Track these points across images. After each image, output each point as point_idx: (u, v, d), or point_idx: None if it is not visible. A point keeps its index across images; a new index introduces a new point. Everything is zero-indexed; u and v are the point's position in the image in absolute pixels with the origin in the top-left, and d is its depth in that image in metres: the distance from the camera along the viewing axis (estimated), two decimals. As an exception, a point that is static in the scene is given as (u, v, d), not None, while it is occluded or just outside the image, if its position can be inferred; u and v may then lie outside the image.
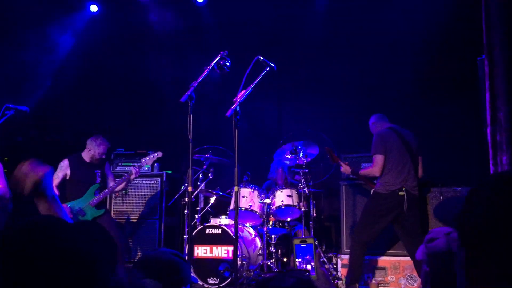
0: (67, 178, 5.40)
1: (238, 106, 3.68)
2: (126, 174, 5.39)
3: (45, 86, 6.84)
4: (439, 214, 5.29)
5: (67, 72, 7.20)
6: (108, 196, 5.51)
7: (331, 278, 5.36)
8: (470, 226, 0.97)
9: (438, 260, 1.63)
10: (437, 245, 1.67)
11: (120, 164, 6.77)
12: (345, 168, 5.23)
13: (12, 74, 6.44)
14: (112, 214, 6.28)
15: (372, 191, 5.02)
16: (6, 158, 6.65)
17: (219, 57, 4.00)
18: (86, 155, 5.46)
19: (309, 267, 1.80)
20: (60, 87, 7.13)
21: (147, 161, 5.54)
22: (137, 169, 5.39)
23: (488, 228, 0.93)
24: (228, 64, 4.03)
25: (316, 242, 5.64)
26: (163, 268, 1.71)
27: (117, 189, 5.47)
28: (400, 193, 4.74)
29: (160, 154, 5.58)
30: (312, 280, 1.33)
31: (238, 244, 5.11)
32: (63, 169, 5.42)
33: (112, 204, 6.50)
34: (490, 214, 0.94)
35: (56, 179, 5.37)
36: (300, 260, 1.94)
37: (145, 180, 6.42)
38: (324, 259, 5.64)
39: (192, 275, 5.18)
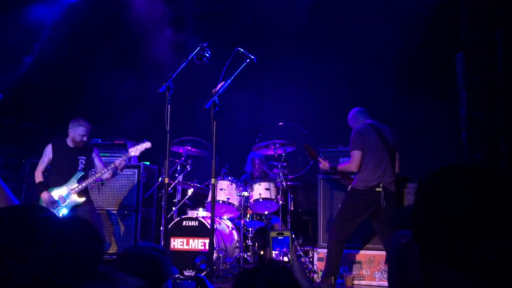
0: (51, 163, 5.29)
1: (217, 98, 3.65)
2: (112, 165, 5.24)
3: (20, 72, 6.67)
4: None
5: (43, 59, 7.04)
6: (92, 184, 5.34)
7: (307, 271, 5.39)
8: (419, 221, 0.98)
9: (394, 257, 1.68)
10: (394, 243, 1.71)
11: (96, 154, 6.66)
12: (323, 164, 5.25)
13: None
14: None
15: (349, 187, 5.05)
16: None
17: (198, 48, 3.97)
18: (69, 140, 5.32)
19: (285, 259, 1.80)
20: (36, 74, 6.97)
21: (135, 152, 5.32)
22: (123, 160, 5.24)
23: (436, 224, 0.94)
24: (207, 55, 4.00)
25: (293, 236, 5.67)
26: (144, 265, 1.69)
27: (103, 176, 5.30)
28: (377, 189, 4.78)
29: (149, 144, 5.35)
30: (292, 272, 1.32)
31: (215, 237, 5.10)
32: (47, 153, 5.28)
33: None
34: (437, 209, 0.95)
35: (42, 164, 5.26)
36: (276, 252, 1.93)
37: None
38: (301, 253, 5.67)
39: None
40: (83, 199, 5.20)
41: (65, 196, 5.14)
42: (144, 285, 1.66)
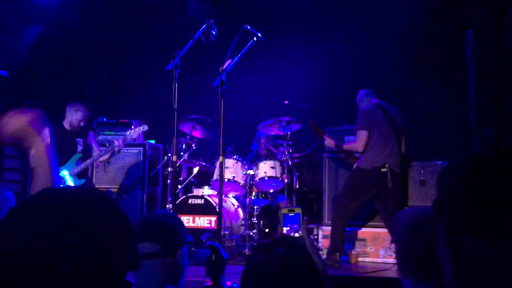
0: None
1: (224, 76, 3.64)
2: (109, 146, 5.29)
3: (24, 51, 6.64)
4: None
5: (47, 38, 7.00)
6: (90, 166, 5.41)
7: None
8: (446, 206, 0.99)
9: (403, 238, 1.69)
10: (400, 221, 1.73)
11: (102, 133, 6.68)
12: (329, 142, 5.25)
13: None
14: (94, 183, 6.22)
15: (355, 166, 5.06)
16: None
17: (205, 25, 3.94)
18: (66, 123, 5.36)
19: (296, 235, 1.82)
20: (40, 53, 6.94)
21: (132, 134, 5.36)
22: (120, 142, 5.27)
23: (463, 208, 0.95)
24: (214, 33, 3.98)
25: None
26: (162, 231, 1.72)
27: (100, 159, 5.39)
28: (383, 169, 4.79)
29: (146, 127, 5.43)
30: (306, 247, 1.34)
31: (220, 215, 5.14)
32: None
33: (94, 173, 6.43)
34: (465, 195, 0.96)
35: None
36: (287, 229, 1.96)
37: (127, 149, 6.34)
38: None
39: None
40: (83, 181, 5.25)
41: (65, 178, 5.18)
42: (161, 250, 1.69)
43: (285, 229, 1.91)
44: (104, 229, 0.85)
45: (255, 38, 3.94)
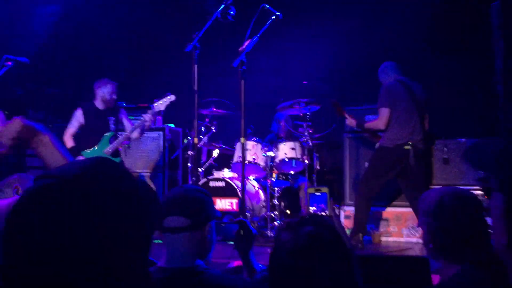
0: (82, 127, 5.29)
1: (244, 56, 3.59)
2: (140, 121, 5.19)
3: (43, 38, 6.66)
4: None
5: (65, 24, 7.01)
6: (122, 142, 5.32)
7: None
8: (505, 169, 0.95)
9: (430, 217, 1.67)
10: (429, 203, 1.70)
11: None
12: (350, 121, 5.19)
13: (9, 24, 6.28)
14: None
15: (377, 144, 5.00)
16: (6, 112, 6.59)
17: (223, 5, 3.88)
18: (98, 102, 5.30)
19: (324, 214, 1.81)
20: (59, 39, 6.96)
21: (160, 107, 5.23)
22: (149, 115, 5.18)
23: None
24: (232, 13, 3.92)
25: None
26: (191, 205, 1.74)
27: (132, 136, 5.28)
28: (406, 147, 4.73)
29: (173, 97, 5.23)
30: (334, 226, 1.32)
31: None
32: (77, 118, 5.28)
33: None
34: None
35: (71, 128, 5.26)
36: (314, 208, 1.94)
37: (147, 134, 6.35)
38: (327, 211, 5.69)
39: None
40: (118, 159, 5.24)
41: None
42: (190, 224, 1.70)
43: (311, 209, 1.89)
44: (131, 203, 0.83)
45: (273, 17, 3.87)
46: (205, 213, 1.76)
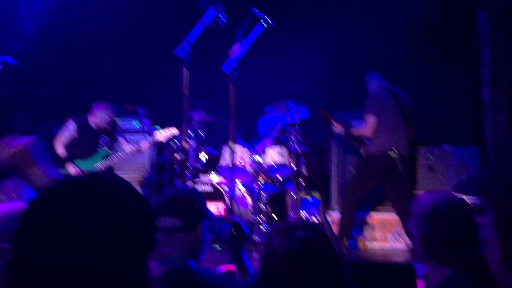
0: (74, 139, 5.30)
1: (234, 61, 3.61)
2: (135, 147, 5.25)
3: (31, 39, 6.60)
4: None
5: (54, 25, 6.95)
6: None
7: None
8: (495, 189, 0.98)
9: (422, 221, 1.69)
10: (422, 206, 1.72)
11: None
12: (338, 128, 5.22)
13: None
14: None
15: (363, 152, 5.04)
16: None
17: (214, 11, 3.89)
18: (91, 121, 5.31)
19: (314, 220, 1.83)
20: (47, 41, 6.90)
21: (160, 137, 5.28)
22: (146, 144, 5.25)
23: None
24: (223, 19, 3.93)
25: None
26: (183, 206, 1.76)
27: (127, 152, 5.36)
28: (391, 154, 4.78)
29: (176, 131, 5.26)
30: (326, 233, 1.34)
31: (230, 201, 5.14)
32: (69, 130, 5.29)
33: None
34: None
35: (62, 137, 5.28)
36: (305, 213, 1.97)
37: (135, 137, 6.34)
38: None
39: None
40: None
41: (89, 170, 5.19)
42: (182, 224, 1.72)
43: (302, 213, 1.91)
44: (125, 213, 0.85)
45: (262, 22, 3.89)
46: (196, 213, 1.79)
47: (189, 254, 1.74)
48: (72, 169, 5.14)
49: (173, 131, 5.31)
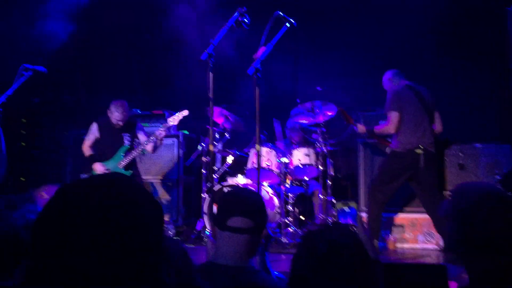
0: (98, 140, 5.42)
1: (259, 64, 3.61)
2: (152, 137, 5.30)
3: (57, 46, 6.74)
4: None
5: (81, 31, 7.09)
6: (136, 156, 5.42)
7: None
8: None
9: (465, 214, 1.58)
10: (466, 198, 1.61)
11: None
12: (360, 128, 5.17)
13: (26, 35, 6.37)
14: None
15: (388, 149, 4.98)
16: (23, 120, 6.69)
17: (237, 13, 3.90)
18: (110, 118, 5.40)
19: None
20: (74, 47, 7.04)
21: (173, 121, 5.37)
22: (161, 131, 5.29)
23: None
24: (246, 21, 3.94)
25: (334, 201, 5.67)
26: (256, 209, 1.80)
27: (146, 149, 5.39)
28: (417, 151, 4.71)
29: (186, 112, 5.39)
30: (357, 234, 1.33)
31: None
32: (93, 132, 5.43)
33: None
34: None
35: (88, 141, 5.42)
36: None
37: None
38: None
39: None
40: (129, 172, 5.31)
41: (112, 170, 5.28)
42: (253, 226, 1.76)
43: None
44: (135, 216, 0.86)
45: (287, 25, 3.88)
46: (265, 217, 1.84)
47: (248, 254, 1.78)
48: (99, 168, 5.24)
49: (184, 113, 5.38)
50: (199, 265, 1.80)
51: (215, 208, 1.92)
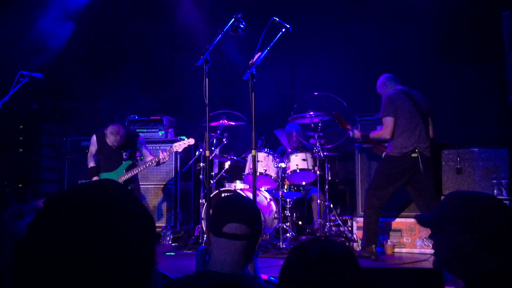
0: (98, 152, 5.43)
1: (254, 69, 3.62)
2: (156, 159, 5.26)
3: (56, 52, 6.77)
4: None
5: (78, 37, 7.13)
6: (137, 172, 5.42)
7: (346, 240, 5.40)
8: None
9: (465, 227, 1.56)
10: (465, 210, 1.59)
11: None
12: (354, 133, 5.18)
13: (24, 40, 6.40)
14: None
15: (383, 154, 4.99)
16: (21, 126, 6.70)
17: (233, 19, 3.92)
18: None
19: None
20: (71, 53, 7.07)
21: (178, 147, 5.36)
22: (165, 154, 5.25)
23: None
24: (242, 26, 3.96)
25: (331, 205, 5.67)
26: (252, 215, 1.79)
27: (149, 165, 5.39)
28: (413, 155, 4.72)
29: (192, 141, 5.39)
30: (350, 247, 1.33)
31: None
32: (93, 144, 5.45)
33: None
34: None
35: (90, 152, 5.46)
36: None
37: (159, 146, 6.43)
38: (340, 222, 5.68)
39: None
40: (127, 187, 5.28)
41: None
42: (249, 232, 1.74)
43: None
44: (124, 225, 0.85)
45: (283, 30, 3.90)
46: (261, 224, 1.83)
47: (244, 261, 1.76)
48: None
49: (190, 142, 5.41)
50: (194, 273, 1.79)
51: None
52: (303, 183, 5.88)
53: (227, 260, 1.72)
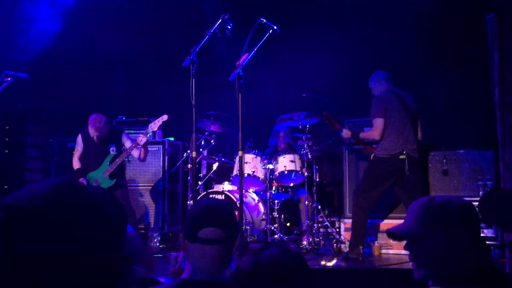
0: (84, 152, 5.40)
1: (241, 70, 3.62)
2: (133, 144, 5.25)
3: (41, 52, 6.70)
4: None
5: (65, 38, 7.07)
6: (121, 162, 5.36)
7: (334, 241, 5.41)
8: None
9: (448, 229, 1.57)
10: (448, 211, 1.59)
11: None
12: (345, 132, 5.19)
13: (8, 41, 6.33)
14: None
15: (372, 155, 5.01)
16: (7, 127, 6.62)
17: (220, 20, 3.92)
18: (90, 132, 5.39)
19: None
20: (59, 53, 7.01)
21: (153, 127, 5.33)
22: (142, 137, 5.24)
23: None
24: (229, 27, 3.96)
25: (319, 207, 5.68)
26: (226, 218, 1.74)
27: (134, 155, 5.35)
28: (401, 156, 4.74)
29: (165, 117, 5.36)
30: (300, 253, 1.31)
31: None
32: (79, 143, 5.43)
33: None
34: None
35: (76, 152, 5.42)
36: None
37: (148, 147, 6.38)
38: (328, 223, 5.69)
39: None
40: (113, 181, 5.25)
41: (100, 180, 5.25)
42: (225, 236, 1.71)
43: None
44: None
45: (270, 31, 3.90)
46: (237, 226, 1.79)
47: (222, 267, 1.72)
48: (82, 182, 5.17)
49: (163, 118, 5.35)
50: (173, 284, 1.75)
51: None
52: (291, 184, 5.88)
53: (205, 267, 1.68)
